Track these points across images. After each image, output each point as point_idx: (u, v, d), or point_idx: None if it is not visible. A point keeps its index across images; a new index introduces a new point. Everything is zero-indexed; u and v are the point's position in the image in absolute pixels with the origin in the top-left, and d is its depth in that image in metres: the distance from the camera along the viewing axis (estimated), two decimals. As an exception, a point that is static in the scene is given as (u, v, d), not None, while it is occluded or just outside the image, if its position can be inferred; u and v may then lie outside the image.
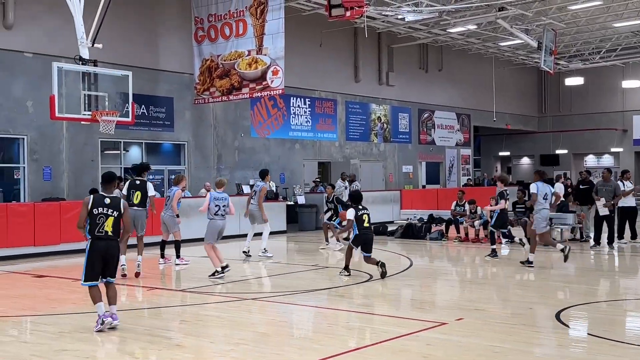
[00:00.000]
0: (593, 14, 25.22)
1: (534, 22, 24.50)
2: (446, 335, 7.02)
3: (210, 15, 19.15)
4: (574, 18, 25.74)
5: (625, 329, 7.76)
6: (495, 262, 13.07)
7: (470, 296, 9.75)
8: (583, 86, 33.65)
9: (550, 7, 23.57)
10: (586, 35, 28.84)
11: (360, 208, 11.12)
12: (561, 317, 7.69)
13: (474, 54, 31.07)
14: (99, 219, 7.43)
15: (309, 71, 24.02)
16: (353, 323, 7.88)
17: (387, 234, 18.69)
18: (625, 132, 34.82)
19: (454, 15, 23.55)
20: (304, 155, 24.35)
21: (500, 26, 23.47)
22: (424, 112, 29.92)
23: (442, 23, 24.64)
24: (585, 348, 6.73)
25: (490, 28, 25.86)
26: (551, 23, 24.32)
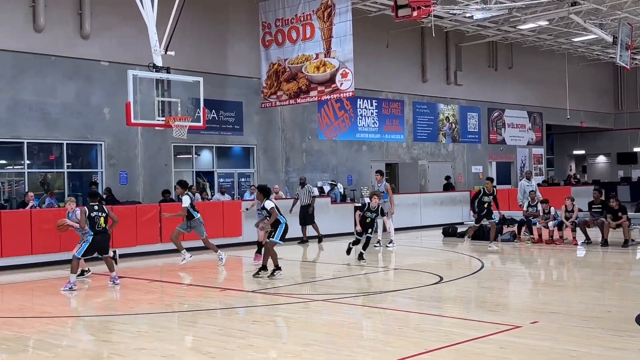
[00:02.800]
0: (672, 5, 24.12)
1: (608, 16, 23.65)
2: (521, 339, 6.87)
3: (277, 19, 19.39)
4: (652, 10, 24.70)
5: None
6: (571, 263, 12.69)
7: (545, 299, 9.50)
8: (662, 81, 32.29)
9: (625, 0, 22.70)
10: (665, 28, 27.60)
11: None
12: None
13: (545, 51, 30.27)
14: (96, 219, 10.63)
15: (375, 72, 23.98)
16: (424, 325, 7.82)
17: (456, 235, 18.43)
18: None
19: (525, 12, 23.02)
20: (371, 157, 24.31)
21: (573, 21, 22.79)
22: (493, 111, 29.36)
23: (511, 20, 24.13)
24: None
25: (562, 24, 25.13)
26: (627, 17, 23.41)
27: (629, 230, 15.19)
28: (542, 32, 26.91)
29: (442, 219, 21.53)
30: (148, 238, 15.28)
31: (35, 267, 13.25)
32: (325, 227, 18.52)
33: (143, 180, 18.45)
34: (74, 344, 7.29)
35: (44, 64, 16.74)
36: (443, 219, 21.51)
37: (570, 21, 23.39)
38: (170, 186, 18.82)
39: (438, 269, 12.10)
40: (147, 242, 15.24)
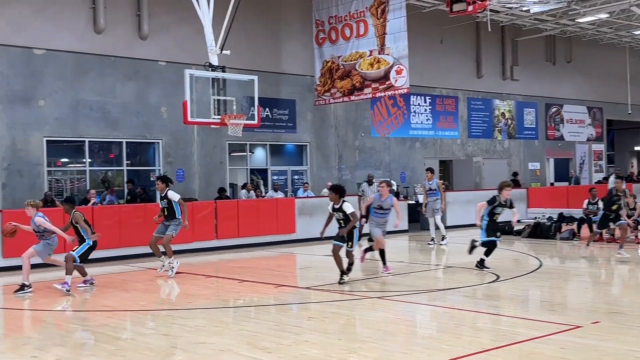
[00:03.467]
0: None
1: (673, 7, 22.80)
2: (582, 339, 6.71)
3: (330, 17, 19.42)
4: None
5: None
6: (633, 263, 12.31)
7: (606, 298, 9.26)
8: None
9: (691, -11, 21.84)
10: None
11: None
12: None
13: (605, 44, 29.39)
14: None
15: (429, 68, 23.75)
16: (480, 324, 7.72)
17: (513, 233, 18.09)
18: None
19: (584, 5, 22.40)
20: (424, 153, 24.11)
21: (634, 14, 22.07)
22: (551, 107, 28.69)
23: (570, 13, 23.51)
24: None
25: (623, 16, 24.34)
26: (693, 7, 22.53)
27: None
28: (602, 25, 26.13)
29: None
30: (204, 235, 15.55)
31: (97, 262, 13.66)
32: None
33: (199, 178, 18.77)
34: (135, 337, 7.49)
35: (104, 64, 17.21)
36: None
37: (632, 13, 22.66)
38: (225, 184, 19.10)
39: (495, 267, 11.91)
40: (203, 239, 15.51)
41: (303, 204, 17.79)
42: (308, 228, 17.47)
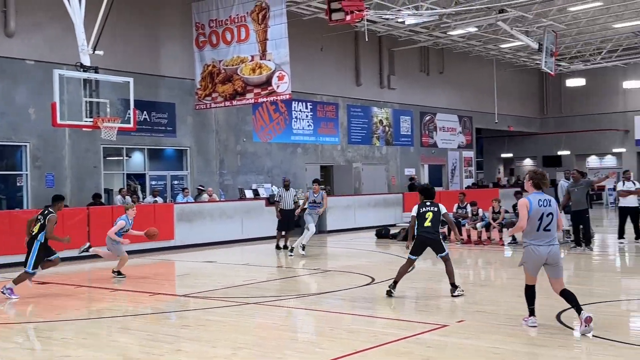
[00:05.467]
0: (593, 15, 25.25)
1: (534, 23, 24.55)
2: (447, 338, 7.04)
3: (211, 20, 19.22)
4: (575, 19, 25.78)
5: (627, 329, 7.76)
6: (498, 263, 13.08)
7: (472, 298, 9.76)
8: (584, 87, 33.67)
9: (550, 8, 23.60)
10: (587, 36, 28.87)
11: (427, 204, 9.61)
12: (562, 319, 7.70)
13: (475, 56, 31.12)
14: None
15: (310, 75, 24.09)
16: (355, 326, 7.91)
17: (389, 237, 18.71)
18: (627, 133, 34.81)
19: (455, 18, 23.60)
20: (306, 159, 24.40)
21: (500, 28, 23.52)
22: (425, 115, 29.96)
23: (442, 26, 24.71)
24: (586, 349, 6.74)
25: (490, 30, 25.90)
26: (552, 24, 24.35)
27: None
28: (472, 38, 27.67)
29: (376, 221, 21.80)
30: (76, 242, 14.83)
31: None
32: (260, 230, 18.55)
33: (71, 183, 17.93)
34: (-5, 353, 7.02)
35: (-36, 61, 16.07)
36: (377, 221, 21.79)
37: (498, 28, 24.15)
38: (100, 189, 18.37)
39: (370, 270, 12.24)
40: (75, 247, 14.80)
41: (182, 210, 17.47)
42: (187, 234, 17.19)
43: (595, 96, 35.24)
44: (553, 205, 7.12)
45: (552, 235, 7.07)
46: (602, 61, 32.29)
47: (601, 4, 23.39)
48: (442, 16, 22.62)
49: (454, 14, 22.39)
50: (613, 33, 28.53)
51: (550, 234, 7.05)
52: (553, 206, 7.11)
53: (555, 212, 7.08)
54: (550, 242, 7.07)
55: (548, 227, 7.02)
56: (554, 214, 7.04)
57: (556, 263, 7.16)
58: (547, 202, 7.07)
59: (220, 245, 17.70)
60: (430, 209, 9.50)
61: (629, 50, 31.45)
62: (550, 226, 7.03)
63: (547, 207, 7.05)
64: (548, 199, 7.14)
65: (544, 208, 7.03)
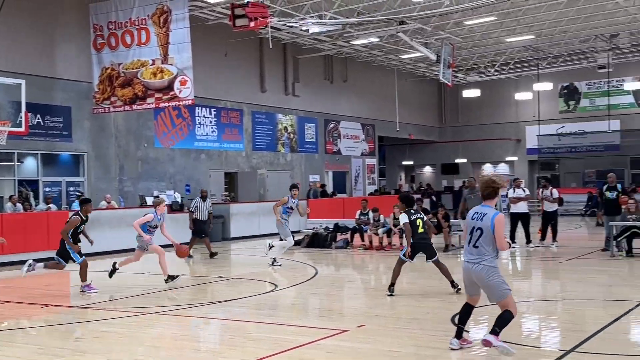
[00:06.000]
0: (488, 29, 26.45)
1: (433, 36, 25.42)
2: (346, 342, 7.14)
3: (110, 22, 18.64)
4: (470, 33, 26.90)
5: (519, 330, 8.12)
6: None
7: (372, 303, 9.95)
8: (480, 98, 35.15)
9: (447, 22, 24.53)
10: (482, 49, 30.20)
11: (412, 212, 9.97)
12: (457, 321, 7.97)
13: (377, 66, 31.85)
14: None
15: (214, 81, 23.85)
16: (256, 334, 7.87)
17: (294, 243, 18.74)
18: (519, 142, 36.64)
19: (357, 28, 24.08)
20: (210, 165, 24.11)
21: (401, 39, 24.19)
22: (329, 122, 30.34)
23: (345, 35, 25.14)
24: (478, 350, 7.01)
25: (392, 41, 26.59)
26: (449, 37, 25.31)
27: (449, 236, 16.36)
28: (374, 48, 28.31)
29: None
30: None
31: None
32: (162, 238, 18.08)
33: (-44, 190, 16.88)
34: None
35: None
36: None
37: (399, 39, 24.81)
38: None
39: (274, 277, 12.24)
40: None
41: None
42: (84, 243, 16.51)
43: (489, 107, 36.90)
44: (485, 220, 6.23)
45: (480, 252, 6.24)
46: (495, 73, 33.89)
47: (495, 18, 24.55)
48: (345, 26, 23.04)
49: (357, 24, 22.84)
50: (506, 47, 30.01)
51: (478, 251, 6.25)
52: (484, 221, 6.22)
53: (485, 227, 6.20)
54: (474, 260, 6.28)
55: (476, 243, 6.25)
56: (482, 230, 6.20)
57: (485, 285, 6.35)
58: (480, 216, 6.26)
59: (120, 254, 17.13)
60: (419, 215, 9.92)
61: (520, 64, 33.16)
62: (478, 243, 6.24)
63: (478, 221, 6.26)
64: (483, 212, 6.29)
65: (474, 222, 6.29)
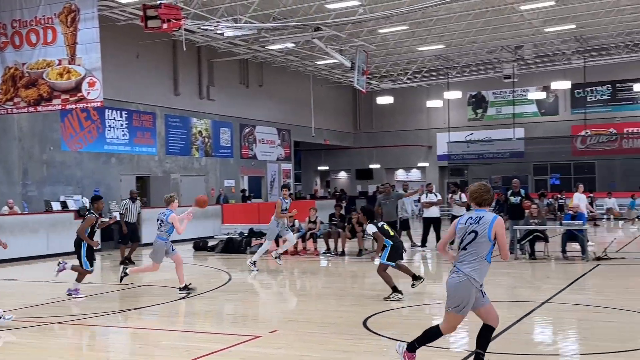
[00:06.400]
0: (400, 37, 27.09)
1: (347, 43, 25.78)
2: (259, 348, 7.10)
3: (14, 20, 17.77)
4: (384, 41, 27.46)
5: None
6: (313, 273, 13.47)
7: (287, 308, 9.96)
8: (393, 105, 35.93)
9: (362, 29, 24.95)
10: (395, 57, 30.88)
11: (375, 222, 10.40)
12: (368, 324, 8.10)
13: (293, 71, 31.96)
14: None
15: (125, 83, 23.23)
16: (167, 342, 7.70)
17: (207, 249, 18.52)
18: (430, 149, 37.70)
19: (273, 33, 24.09)
20: (120, 169, 23.44)
21: (316, 46, 24.39)
22: (245, 127, 30.17)
23: (261, 40, 25.09)
24: (389, 353, 7.14)
25: (307, 47, 26.77)
26: (363, 45, 25.73)
27: (362, 240, 16.60)
28: (289, 53, 28.40)
29: (194, 233, 21.45)
30: None
31: None
32: (69, 245, 17.41)
33: None
34: None
35: None
36: (195, 233, 21.44)
37: (314, 45, 25.01)
38: None
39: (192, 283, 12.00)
40: None
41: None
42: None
43: (402, 114, 37.78)
44: (482, 223, 5.62)
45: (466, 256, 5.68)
46: (408, 81, 34.76)
47: (407, 28, 25.17)
48: (261, 30, 23.00)
49: (272, 29, 22.86)
50: (418, 55, 30.83)
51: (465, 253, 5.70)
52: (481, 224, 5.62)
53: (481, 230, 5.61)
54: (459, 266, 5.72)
55: (466, 246, 5.69)
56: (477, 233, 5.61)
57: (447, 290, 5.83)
58: (476, 219, 5.68)
59: (22, 261, 16.41)
60: (383, 223, 10.50)
61: (431, 72, 34.16)
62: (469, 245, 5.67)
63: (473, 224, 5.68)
64: (479, 215, 5.70)
65: (468, 226, 5.72)
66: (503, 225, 5.65)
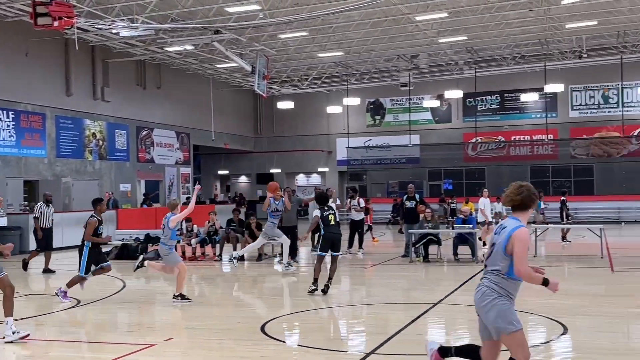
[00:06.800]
0: (301, 43, 27.31)
1: (248, 47, 25.67)
2: (154, 357, 6.92)
3: None
4: (284, 46, 27.59)
5: (327, 335, 8.40)
6: (212, 279, 13.29)
7: (183, 315, 9.76)
8: (294, 110, 36.13)
9: (262, 34, 24.94)
10: (295, 62, 31.09)
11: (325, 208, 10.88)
12: (266, 329, 8.08)
13: (192, 74, 31.47)
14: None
15: (13, 82, 22.06)
16: (56, 353, 7.35)
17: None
18: (330, 154, 38.19)
19: (171, 34, 23.62)
20: (6, 172, 22.21)
21: (216, 49, 24.15)
22: (142, 130, 29.39)
23: (159, 41, 24.54)
24: (288, 357, 7.15)
25: (207, 49, 26.45)
26: (263, 49, 25.70)
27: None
28: (189, 55, 27.95)
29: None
30: None
31: None
32: None
33: None
34: None
35: None
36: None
37: (214, 48, 24.77)
38: None
39: (76, 291, 11.50)
40: None
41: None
42: None
43: (303, 119, 38.06)
44: (502, 234, 4.93)
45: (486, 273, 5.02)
46: (308, 87, 35.07)
47: (307, 34, 25.41)
48: (159, 31, 22.49)
49: (170, 30, 22.41)
50: (318, 61, 31.17)
51: (485, 271, 5.06)
52: (500, 235, 4.94)
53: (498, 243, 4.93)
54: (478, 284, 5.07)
55: (486, 261, 5.07)
56: (495, 245, 4.96)
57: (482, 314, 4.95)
58: (500, 229, 5.03)
59: None
60: (331, 211, 10.89)
61: (331, 78, 34.64)
62: (488, 261, 5.04)
63: (495, 235, 5.05)
64: (503, 225, 5.02)
65: (494, 237, 5.07)
66: (523, 238, 4.79)
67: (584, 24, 25.04)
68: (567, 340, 7.56)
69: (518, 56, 30.79)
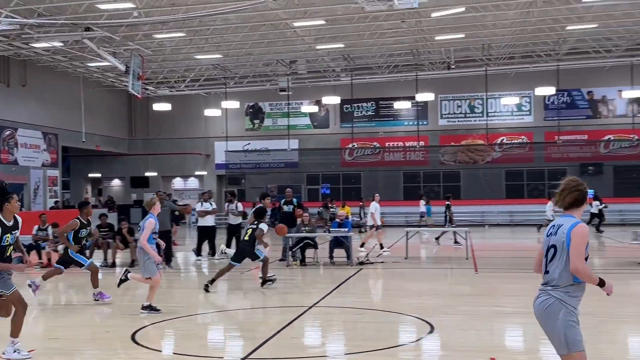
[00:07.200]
0: (177, 44, 26.76)
1: (121, 46, 24.80)
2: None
3: None
4: (160, 46, 26.91)
5: (204, 342, 8.23)
6: (81, 287, 12.67)
7: (50, 325, 9.23)
8: (171, 112, 35.30)
9: (137, 33, 24.18)
10: (172, 64, 30.42)
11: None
12: (137, 338, 7.80)
13: (61, 72, 29.96)
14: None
15: None
16: None
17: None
18: (209, 157, 37.69)
19: (38, 30, 22.35)
20: None
21: (87, 46, 23.12)
22: (5, 130, 27.58)
23: (24, 36, 23.13)
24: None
25: (77, 47, 25.27)
26: (138, 49, 24.93)
27: (135, 250, 15.99)
28: (57, 52, 26.58)
29: None
30: None
31: None
32: None
33: None
34: None
35: None
36: None
37: (85, 46, 23.68)
38: None
39: None
40: None
41: None
42: None
43: (180, 121, 37.28)
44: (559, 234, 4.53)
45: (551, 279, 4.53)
46: (186, 89, 34.42)
47: (184, 35, 24.93)
48: (24, 26, 21.22)
49: (37, 25, 21.20)
50: (195, 63, 30.68)
51: (548, 277, 4.57)
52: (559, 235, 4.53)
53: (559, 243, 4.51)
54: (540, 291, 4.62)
55: (547, 267, 4.59)
56: (556, 247, 4.52)
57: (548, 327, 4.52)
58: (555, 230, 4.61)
59: None
60: (252, 226, 11.91)
61: (210, 81, 34.22)
62: (549, 266, 4.56)
63: (552, 236, 4.61)
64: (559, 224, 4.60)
65: (548, 238, 4.65)
66: (582, 233, 4.46)
67: (452, 37, 26.36)
68: (435, 339, 7.89)
69: (392, 65, 31.90)
